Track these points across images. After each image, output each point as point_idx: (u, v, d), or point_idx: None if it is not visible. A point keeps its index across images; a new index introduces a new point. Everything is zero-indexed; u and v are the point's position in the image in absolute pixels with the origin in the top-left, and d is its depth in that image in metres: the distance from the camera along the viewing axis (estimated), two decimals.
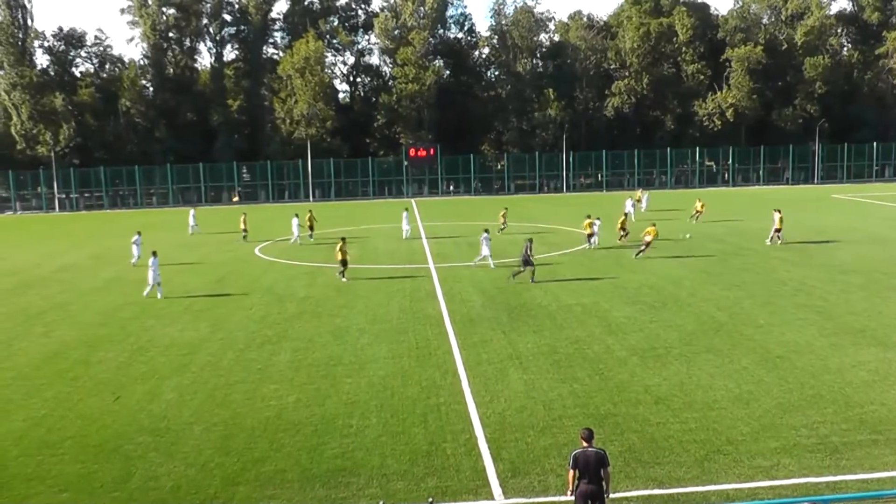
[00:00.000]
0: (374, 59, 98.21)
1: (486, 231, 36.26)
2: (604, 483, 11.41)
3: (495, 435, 15.64)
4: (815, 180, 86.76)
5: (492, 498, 13.14)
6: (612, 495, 11.83)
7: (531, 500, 13.07)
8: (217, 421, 16.97)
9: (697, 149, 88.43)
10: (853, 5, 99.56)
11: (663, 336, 22.72)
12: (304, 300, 29.59)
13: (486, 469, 14.15)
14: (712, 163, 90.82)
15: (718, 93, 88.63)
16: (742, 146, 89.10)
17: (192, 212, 55.50)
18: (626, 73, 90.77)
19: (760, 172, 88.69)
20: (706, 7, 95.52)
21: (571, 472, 11.51)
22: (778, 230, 39.95)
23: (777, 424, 15.88)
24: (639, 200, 58.39)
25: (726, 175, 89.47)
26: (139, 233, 39.98)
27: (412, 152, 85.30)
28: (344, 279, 32.79)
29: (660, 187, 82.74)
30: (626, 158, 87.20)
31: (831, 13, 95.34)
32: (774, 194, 66.61)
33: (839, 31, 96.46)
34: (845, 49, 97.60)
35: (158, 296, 30.14)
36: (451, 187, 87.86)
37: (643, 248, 36.80)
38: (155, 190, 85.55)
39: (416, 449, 15.13)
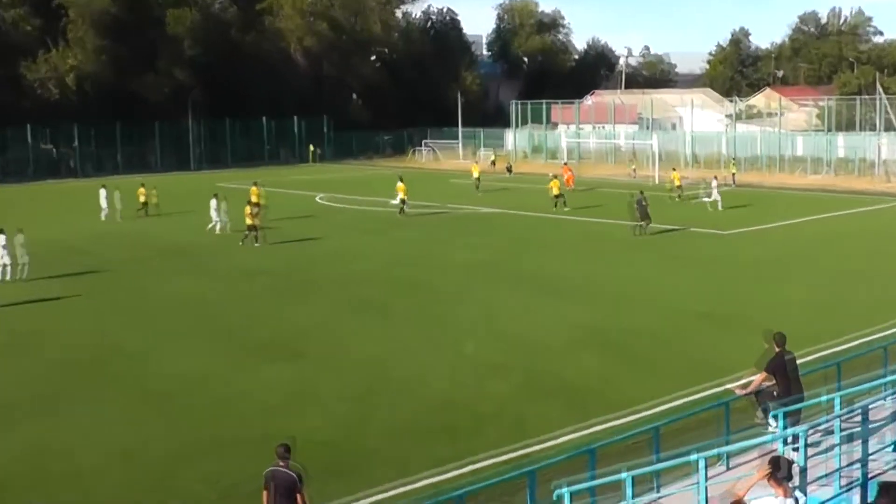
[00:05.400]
0: None
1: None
2: None
3: None
4: (194, 165, 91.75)
5: None
6: None
7: None
8: None
9: (29, 127, 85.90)
10: None
11: (10, 392, 22.11)
12: None
13: None
14: (52, 146, 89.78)
15: (54, 51, 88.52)
16: (94, 123, 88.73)
17: None
18: None
19: (119, 158, 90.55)
20: None
21: (265, 493, 12.75)
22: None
23: (166, 484, 16.68)
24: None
25: (72, 162, 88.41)
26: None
27: None
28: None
29: None
30: None
31: None
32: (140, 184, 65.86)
33: None
34: (219, 3, 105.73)
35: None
36: None
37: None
38: None
39: None
